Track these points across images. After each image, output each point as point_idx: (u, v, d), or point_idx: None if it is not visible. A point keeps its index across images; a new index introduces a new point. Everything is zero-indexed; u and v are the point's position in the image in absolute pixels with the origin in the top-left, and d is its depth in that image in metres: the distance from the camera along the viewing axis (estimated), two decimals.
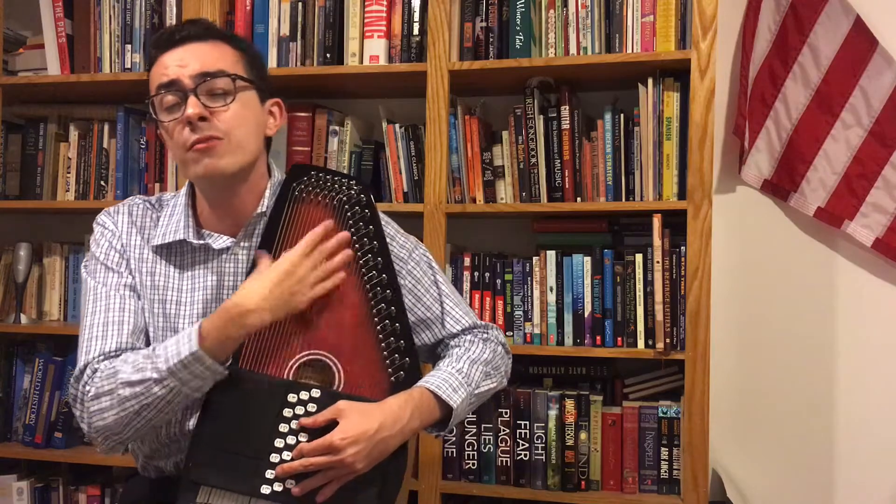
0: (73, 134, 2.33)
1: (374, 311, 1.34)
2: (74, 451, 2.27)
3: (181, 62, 1.31)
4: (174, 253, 1.39)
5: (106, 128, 2.31)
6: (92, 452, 2.24)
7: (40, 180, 2.37)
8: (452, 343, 1.47)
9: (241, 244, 1.37)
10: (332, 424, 1.24)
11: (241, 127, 1.32)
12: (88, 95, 2.36)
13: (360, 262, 1.36)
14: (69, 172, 2.33)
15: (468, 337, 1.48)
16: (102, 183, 2.30)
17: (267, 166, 1.42)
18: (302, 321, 1.31)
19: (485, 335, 1.49)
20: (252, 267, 1.34)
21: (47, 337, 2.40)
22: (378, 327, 1.34)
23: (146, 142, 2.29)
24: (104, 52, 2.26)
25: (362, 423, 1.23)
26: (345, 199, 1.37)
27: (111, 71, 2.25)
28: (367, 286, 1.35)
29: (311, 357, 1.31)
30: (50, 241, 2.42)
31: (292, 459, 1.23)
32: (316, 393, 1.27)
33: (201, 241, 1.37)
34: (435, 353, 1.50)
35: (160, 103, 1.33)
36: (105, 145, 2.30)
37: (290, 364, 1.30)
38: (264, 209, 1.37)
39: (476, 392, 1.39)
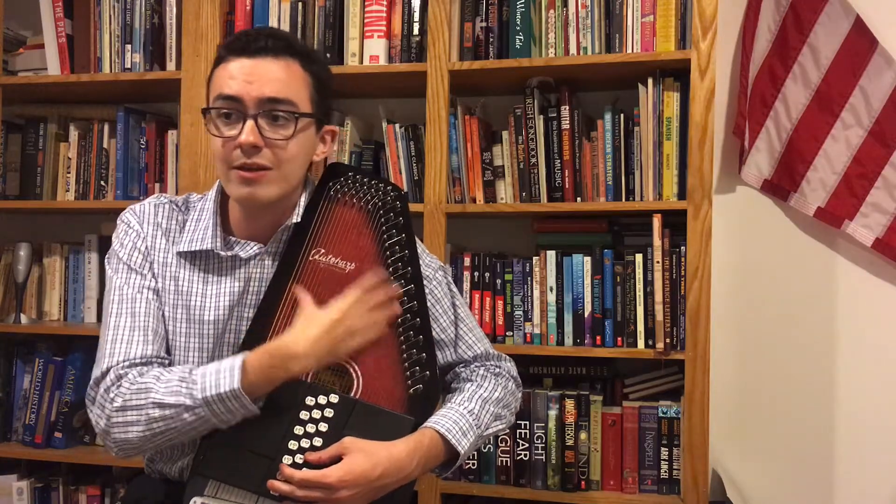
0: (73, 134, 2.33)
1: (399, 320, 1.33)
2: (74, 451, 2.27)
3: (249, 77, 1.26)
4: (200, 259, 1.36)
5: (106, 128, 2.31)
6: (92, 452, 2.24)
7: (40, 180, 2.37)
8: (464, 374, 1.46)
9: (270, 251, 1.35)
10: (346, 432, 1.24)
11: (293, 161, 1.30)
12: (88, 95, 2.36)
13: (390, 269, 1.34)
14: (69, 172, 2.33)
15: (480, 371, 1.46)
16: (102, 183, 2.30)
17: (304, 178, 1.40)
18: None
19: (497, 368, 1.48)
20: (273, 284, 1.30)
21: (47, 337, 2.40)
22: (401, 337, 1.32)
23: (146, 142, 2.29)
24: (104, 52, 2.26)
25: (364, 465, 1.21)
26: (379, 203, 1.36)
27: (111, 71, 2.25)
28: None
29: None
30: (50, 241, 2.42)
31: (290, 478, 1.22)
32: (334, 398, 1.26)
33: (230, 252, 1.35)
34: (443, 378, 1.49)
35: (216, 113, 1.29)
36: (105, 145, 2.30)
37: None
38: (297, 219, 1.35)
39: (484, 434, 1.37)
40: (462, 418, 1.33)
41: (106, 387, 1.24)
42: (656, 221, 1.94)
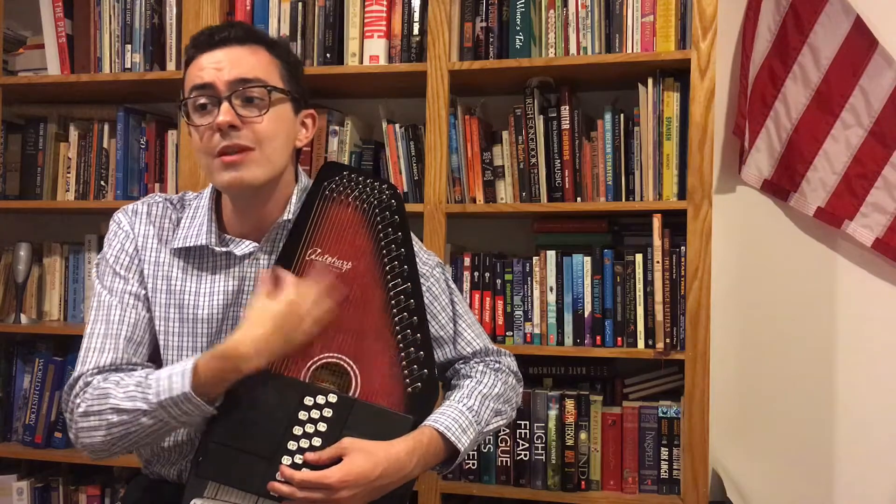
0: (73, 134, 2.33)
1: (396, 318, 1.33)
2: (74, 451, 2.26)
3: (217, 65, 1.28)
4: (194, 256, 1.36)
5: (106, 128, 2.31)
6: None
7: (40, 180, 2.37)
8: (464, 371, 1.46)
9: (264, 249, 1.35)
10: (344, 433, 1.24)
11: (272, 140, 1.30)
12: (88, 95, 2.36)
13: (386, 268, 1.34)
14: (69, 172, 2.33)
15: (480, 367, 1.46)
16: (102, 183, 2.30)
17: (294, 172, 1.40)
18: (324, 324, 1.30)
19: (496, 364, 1.48)
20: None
21: (47, 337, 2.40)
22: (398, 336, 1.32)
23: (146, 142, 2.29)
24: (104, 52, 2.26)
25: (364, 465, 1.21)
26: (375, 202, 1.36)
27: (111, 71, 2.25)
28: (391, 293, 1.34)
29: (329, 360, 1.29)
30: (50, 241, 2.42)
31: (288, 479, 1.22)
32: (332, 398, 1.26)
33: (224, 249, 1.35)
34: (444, 375, 1.49)
35: (192, 104, 1.30)
36: (105, 145, 2.30)
37: (308, 365, 1.28)
38: (290, 216, 1.35)
39: (484, 430, 1.38)
40: (461, 415, 1.33)
41: (75, 393, 1.26)
42: (656, 221, 1.94)
